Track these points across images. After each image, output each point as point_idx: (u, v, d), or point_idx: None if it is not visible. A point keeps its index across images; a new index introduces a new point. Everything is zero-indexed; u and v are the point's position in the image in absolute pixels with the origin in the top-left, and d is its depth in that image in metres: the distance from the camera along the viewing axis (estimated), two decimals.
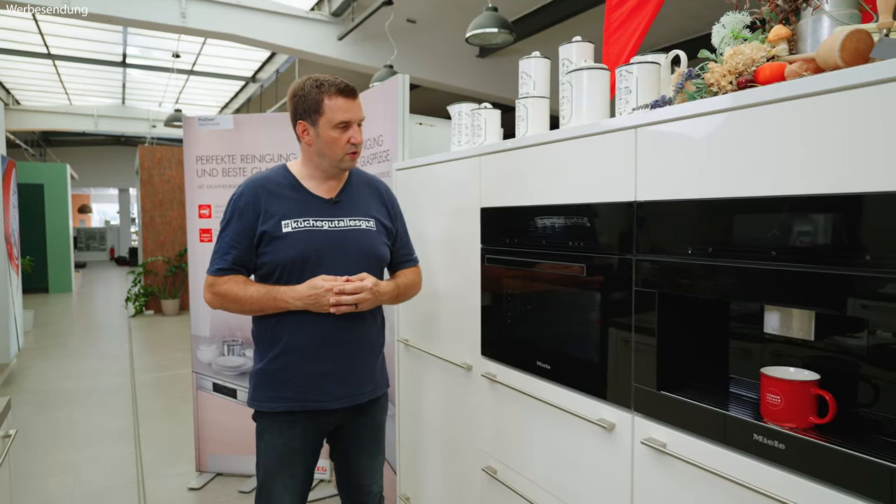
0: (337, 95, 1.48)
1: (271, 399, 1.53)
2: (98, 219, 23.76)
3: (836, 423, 0.94)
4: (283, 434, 1.54)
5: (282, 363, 1.52)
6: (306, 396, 1.52)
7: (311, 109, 1.49)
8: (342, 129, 1.49)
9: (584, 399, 1.33)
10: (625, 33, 2.01)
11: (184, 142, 3.04)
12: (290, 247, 1.48)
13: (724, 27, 1.16)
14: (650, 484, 1.16)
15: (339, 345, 1.53)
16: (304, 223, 1.51)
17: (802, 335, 1.02)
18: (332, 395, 1.53)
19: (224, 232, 1.53)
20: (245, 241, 1.51)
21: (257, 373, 1.56)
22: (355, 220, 1.57)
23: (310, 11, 6.63)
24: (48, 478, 3.10)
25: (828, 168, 0.85)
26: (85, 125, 12.92)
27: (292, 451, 1.55)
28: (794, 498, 0.89)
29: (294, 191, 1.55)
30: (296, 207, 1.52)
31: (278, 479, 1.54)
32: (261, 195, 1.52)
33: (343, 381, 1.54)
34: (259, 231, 1.50)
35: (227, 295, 1.50)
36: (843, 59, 0.88)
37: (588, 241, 1.31)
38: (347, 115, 1.49)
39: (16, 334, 5.36)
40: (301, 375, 1.52)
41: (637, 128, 1.17)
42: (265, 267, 1.52)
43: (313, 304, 1.46)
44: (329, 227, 1.53)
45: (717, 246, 1.01)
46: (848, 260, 0.83)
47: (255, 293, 1.49)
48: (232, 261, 1.51)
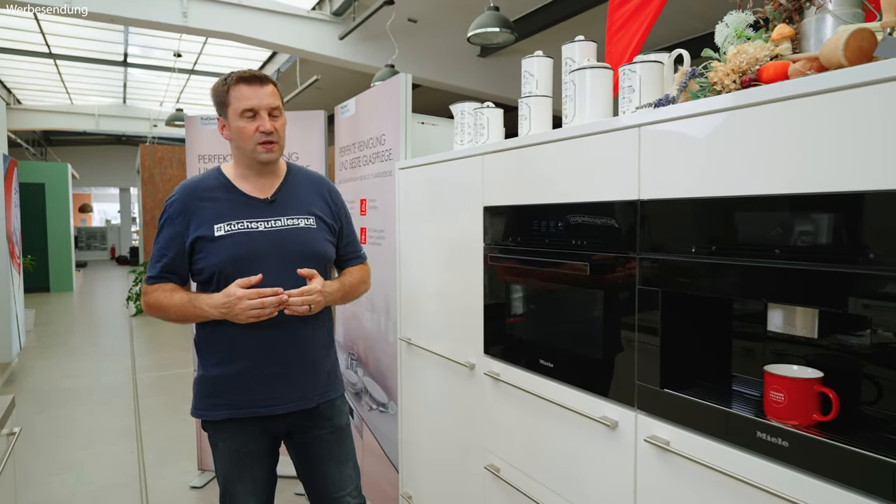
0: (238, 84, 1.44)
1: (215, 406, 1.49)
2: (99, 218, 23.77)
3: (839, 420, 0.94)
4: (235, 440, 1.50)
5: (225, 369, 1.47)
6: (252, 402, 1.48)
7: (221, 103, 1.48)
8: (249, 118, 1.45)
9: (588, 397, 1.33)
10: (627, 32, 2.01)
11: (186, 141, 3.04)
12: (224, 250, 1.44)
13: (728, 26, 1.17)
14: (653, 481, 1.16)
15: (281, 348, 1.48)
16: (238, 225, 1.47)
17: (806, 333, 1.02)
18: (280, 400, 1.49)
19: (156, 239, 1.50)
20: (174, 247, 1.47)
21: (200, 380, 1.52)
22: (293, 218, 1.52)
23: (311, 11, 6.63)
24: (50, 476, 3.10)
25: (831, 166, 0.85)
26: (86, 124, 12.92)
27: (248, 455, 1.51)
28: (798, 495, 0.89)
29: (227, 192, 1.51)
30: (229, 209, 1.48)
31: (239, 485, 1.51)
32: (192, 200, 1.48)
33: (291, 385, 1.50)
34: (192, 236, 1.46)
35: (155, 304, 1.47)
36: (846, 57, 0.89)
37: (591, 240, 1.31)
38: (251, 102, 1.44)
39: (17, 333, 5.37)
40: (245, 380, 1.47)
41: (640, 126, 1.17)
42: (202, 273, 1.47)
43: (228, 313, 1.39)
44: (265, 227, 1.48)
45: (721, 244, 1.01)
46: (851, 258, 0.83)
47: (178, 301, 1.45)
48: (161, 269, 1.48)
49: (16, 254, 5.50)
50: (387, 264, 2.34)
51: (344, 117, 2.74)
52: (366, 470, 2.59)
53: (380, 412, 2.45)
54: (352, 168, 2.67)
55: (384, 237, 2.38)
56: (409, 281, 2.18)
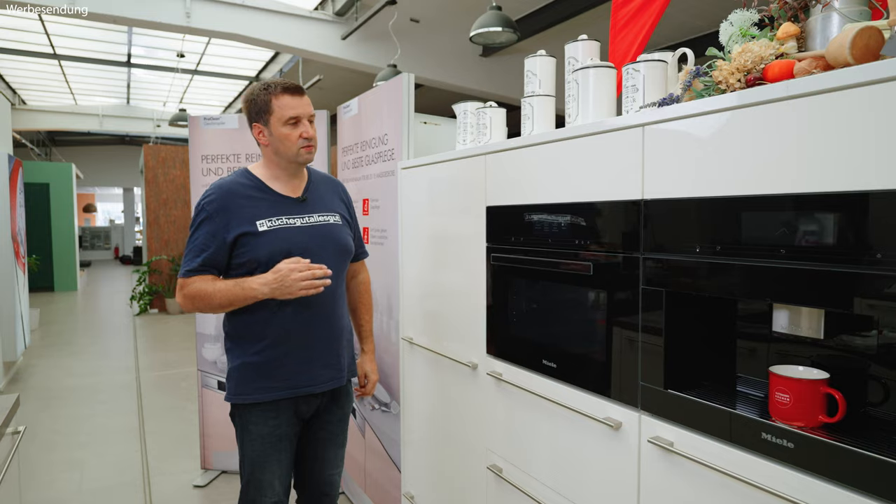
0: (283, 94, 1.57)
1: (258, 390, 1.58)
2: (103, 218, 23.86)
3: (845, 422, 0.93)
4: (268, 423, 1.60)
5: (268, 354, 1.58)
6: (296, 383, 1.60)
7: (262, 111, 1.59)
8: (292, 125, 1.58)
9: (591, 398, 1.32)
10: (631, 31, 2.00)
11: (189, 141, 3.05)
12: (270, 243, 1.55)
13: (732, 25, 1.16)
14: (657, 483, 1.16)
15: (320, 330, 1.62)
16: (278, 221, 1.59)
17: (811, 334, 1.01)
18: (318, 379, 1.63)
19: (195, 234, 1.57)
20: (215, 243, 1.55)
21: (241, 367, 1.60)
22: (323, 215, 1.67)
23: (313, 11, 6.64)
24: (55, 475, 3.11)
25: (838, 166, 0.85)
26: (90, 125, 12.97)
27: (279, 438, 1.61)
28: (803, 497, 0.89)
29: (261, 192, 1.62)
30: (267, 207, 1.59)
31: (267, 469, 1.60)
32: (231, 199, 1.57)
33: (327, 365, 1.64)
34: (235, 233, 1.54)
35: (197, 294, 1.54)
36: (853, 56, 0.88)
37: (594, 240, 1.31)
38: (295, 110, 1.57)
39: (22, 332, 5.38)
40: (288, 363, 1.59)
41: (644, 126, 1.16)
42: (244, 267, 1.56)
43: (279, 288, 1.49)
44: (301, 223, 1.62)
45: (726, 244, 1.01)
46: (858, 258, 0.82)
47: (223, 286, 1.53)
48: (201, 262, 1.54)
49: (21, 253, 5.52)
50: (389, 264, 2.34)
51: (346, 117, 2.74)
52: (368, 470, 2.59)
53: (382, 412, 2.45)
54: (354, 168, 2.67)
55: (386, 237, 2.38)
56: (412, 280, 2.18)
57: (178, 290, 1.57)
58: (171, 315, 8.45)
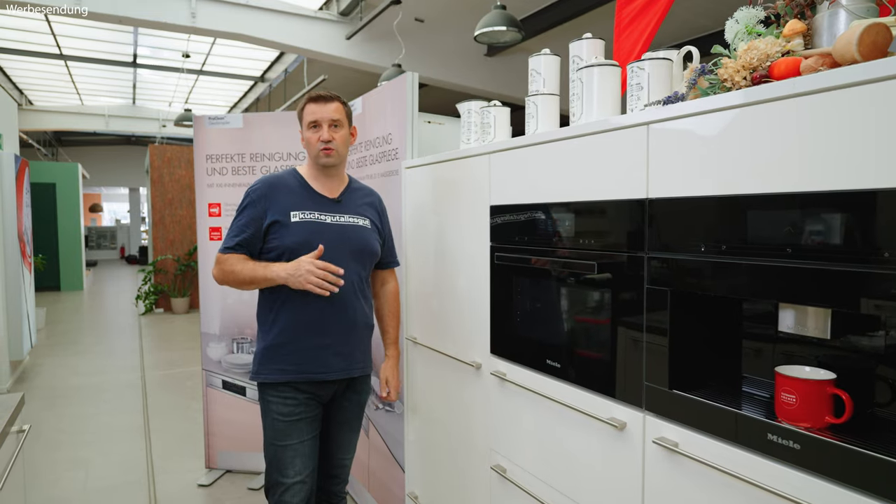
0: (308, 103, 1.77)
1: (275, 371, 1.71)
2: (109, 218, 23.95)
3: (852, 422, 0.92)
4: (287, 403, 1.71)
5: (284, 338, 1.71)
6: (308, 368, 1.71)
7: (299, 118, 1.82)
8: (314, 130, 1.75)
9: (595, 398, 1.32)
10: (636, 30, 1.99)
11: (194, 141, 3.05)
12: (297, 233, 1.69)
13: (738, 22, 1.15)
14: (662, 483, 1.15)
15: (335, 322, 1.72)
16: (310, 215, 1.73)
17: (818, 334, 1.01)
18: (330, 368, 1.73)
19: (238, 218, 1.74)
20: (253, 227, 1.71)
21: (263, 350, 1.74)
22: (354, 217, 1.80)
23: (318, 11, 6.64)
24: (59, 473, 3.13)
25: (845, 164, 0.84)
26: (96, 125, 13.02)
27: (298, 418, 1.72)
28: (809, 498, 0.88)
29: (302, 188, 1.78)
30: (302, 202, 1.75)
31: (288, 447, 1.70)
32: (272, 190, 1.75)
33: (339, 355, 1.74)
34: (269, 220, 1.70)
35: (230, 268, 1.70)
36: (860, 53, 0.87)
37: (599, 239, 1.30)
38: (315, 116, 1.74)
39: (28, 331, 5.41)
40: (302, 349, 1.70)
41: (649, 124, 1.16)
42: (273, 252, 1.71)
43: (293, 275, 1.63)
44: (331, 220, 1.75)
45: (731, 243, 1.00)
46: (864, 257, 0.82)
47: (251, 265, 1.69)
48: (238, 242, 1.71)
49: (27, 253, 5.54)
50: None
51: None
52: (372, 469, 2.59)
53: (386, 411, 2.45)
54: (358, 167, 2.67)
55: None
56: (415, 280, 2.18)
57: (216, 263, 1.74)
58: (175, 314, 8.48)
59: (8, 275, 4.83)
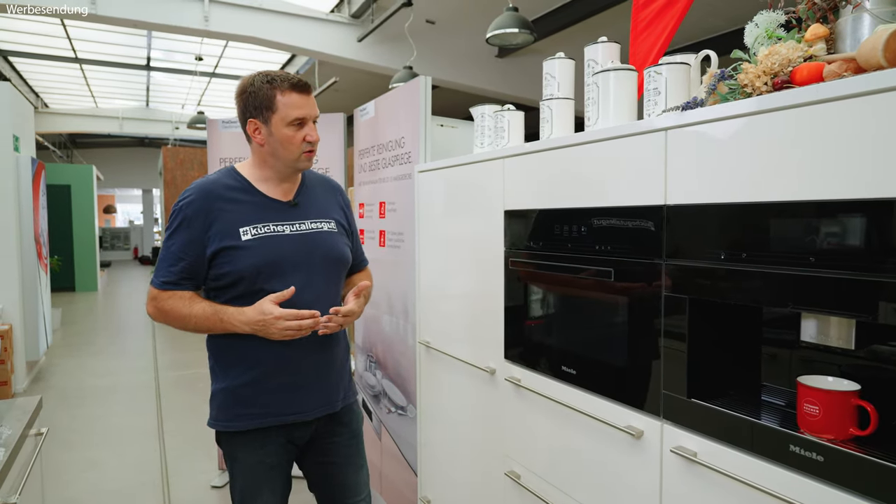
0: (290, 91, 1.40)
1: (239, 417, 1.43)
2: (122, 219, 24.21)
3: (877, 435, 0.90)
4: (256, 453, 1.44)
5: (249, 379, 1.42)
6: (280, 411, 1.44)
7: (263, 106, 1.40)
8: (297, 127, 1.42)
9: (611, 405, 1.30)
10: (653, 33, 1.97)
11: (207, 144, 3.07)
12: (252, 255, 1.38)
13: (758, 26, 1.13)
14: (680, 493, 1.13)
15: (308, 356, 1.46)
16: (264, 228, 1.42)
17: (842, 344, 0.99)
18: (306, 407, 1.47)
19: (169, 240, 1.40)
20: (193, 252, 1.39)
21: (221, 392, 1.45)
22: (316, 222, 1.50)
23: (330, 13, 6.67)
24: (74, 474, 3.16)
25: (871, 172, 0.82)
26: (110, 127, 13.18)
27: (269, 468, 1.46)
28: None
29: (248, 194, 1.45)
30: (253, 212, 1.43)
31: (259, 499, 1.45)
32: (211, 201, 1.41)
33: (316, 392, 1.48)
34: (213, 242, 1.39)
35: (171, 312, 1.40)
36: (886, 58, 0.85)
37: (615, 245, 1.29)
38: (302, 111, 1.41)
39: (44, 332, 5.47)
40: (271, 390, 1.43)
41: (667, 130, 1.14)
42: (224, 278, 1.40)
43: (261, 330, 1.36)
44: (290, 230, 1.45)
45: (752, 251, 0.98)
46: (889, 266, 0.80)
47: (201, 312, 1.38)
48: (178, 273, 1.39)
49: (43, 254, 5.61)
50: (405, 267, 2.34)
51: (363, 120, 2.74)
52: (384, 473, 2.59)
53: (398, 415, 2.44)
54: (371, 171, 2.67)
55: (403, 240, 2.37)
56: (428, 284, 2.17)
57: (150, 300, 1.42)
58: None
59: (25, 276, 4.89)
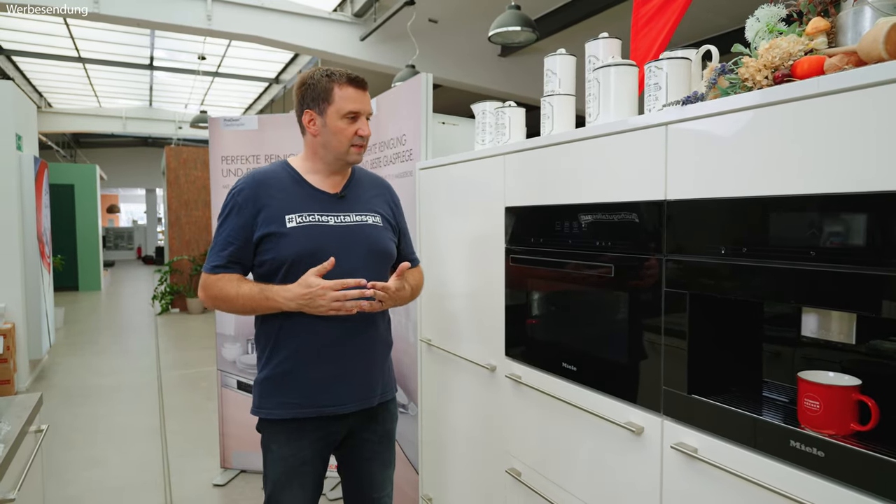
0: (347, 85, 1.45)
1: (279, 406, 1.46)
2: (126, 218, 24.27)
3: (878, 430, 0.90)
4: (291, 445, 1.47)
5: (289, 367, 1.45)
6: (317, 402, 1.46)
7: (320, 98, 1.45)
8: (350, 120, 1.46)
9: (612, 402, 1.30)
10: (653, 29, 1.97)
11: (209, 142, 3.08)
12: (295, 242, 1.42)
13: (759, 20, 1.13)
14: (680, 490, 1.13)
15: (348, 346, 1.47)
16: (309, 217, 1.45)
17: (843, 339, 0.98)
18: (343, 399, 1.48)
19: (221, 227, 1.46)
20: (242, 237, 1.44)
21: (263, 381, 1.49)
22: (361, 215, 1.52)
23: (332, 12, 6.67)
24: (76, 473, 3.16)
25: (874, 165, 0.82)
26: (113, 127, 13.21)
27: (302, 462, 1.48)
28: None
29: (297, 185, 1.49)
30: (299, 202, 1.47)
31: (288, 492, 1.47)
32: (261, 190, 1.45)
33: (354, 384, 1.49)
34: (260, 227, 1.43)
35: (220, 294, 1.43)
36: (887, 51, 0.85)
37: (616, 241, 1.28)
38: (357, 105, 1.45)
39: (47, 331, 5.49)
40: (310, 380, 1.45)
41: (668, 125, 1.14)
42: (267, 265, 1.44)
43: (307, 305, 1.37)
44: (335, 222, 1.48)
45: (752, 246, 0.98)
46: (891, 260, 0.79)
47: (248, 291, 1.41)
48: (227, 257, 1.44)
49: (46, 253, 5.62)
50: None
51: None
52: None
53: (400, 413, 2.44)
54: (372, 168, 2.67)
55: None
56: (429, 282, 2.17)
57: (201, 286, 1.47)
58: (191, 315, 8.56)
59: (28, 275, 4.90)
